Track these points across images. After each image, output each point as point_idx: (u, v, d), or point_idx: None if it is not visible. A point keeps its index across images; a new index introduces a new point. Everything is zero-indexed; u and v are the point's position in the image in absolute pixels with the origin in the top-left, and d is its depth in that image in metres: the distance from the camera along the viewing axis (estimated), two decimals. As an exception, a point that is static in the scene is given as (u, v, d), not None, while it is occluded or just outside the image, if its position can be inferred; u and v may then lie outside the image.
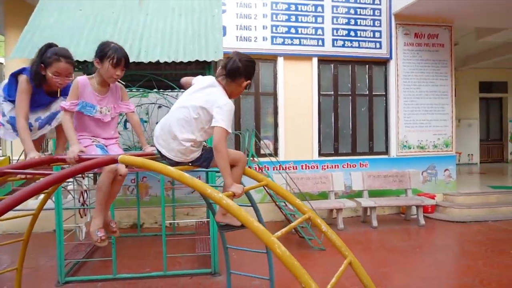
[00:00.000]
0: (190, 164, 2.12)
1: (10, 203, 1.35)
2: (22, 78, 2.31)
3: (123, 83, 3.83)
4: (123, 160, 1.84)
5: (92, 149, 2.27)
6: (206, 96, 2.01)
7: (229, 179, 1.86)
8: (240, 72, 2.04)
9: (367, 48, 7.48)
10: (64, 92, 2.41)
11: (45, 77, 2.31)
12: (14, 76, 2.38)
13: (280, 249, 1.41)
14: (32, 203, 6.04)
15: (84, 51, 4.07)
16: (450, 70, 7.88)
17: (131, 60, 4.03)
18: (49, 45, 2.35)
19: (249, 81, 2.10)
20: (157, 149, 2.09)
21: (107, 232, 2.38)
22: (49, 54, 2.27)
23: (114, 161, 1.85)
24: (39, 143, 2.71)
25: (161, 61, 4.10)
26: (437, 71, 7.82)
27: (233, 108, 2.01)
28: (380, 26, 7.52)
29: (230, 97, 2.09)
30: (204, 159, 2.09)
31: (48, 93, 2.42)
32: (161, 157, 2.10)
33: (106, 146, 2.37)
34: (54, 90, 2.42)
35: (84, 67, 4.80)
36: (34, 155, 2.18)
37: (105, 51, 2.25)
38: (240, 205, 1.75)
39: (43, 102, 2.42)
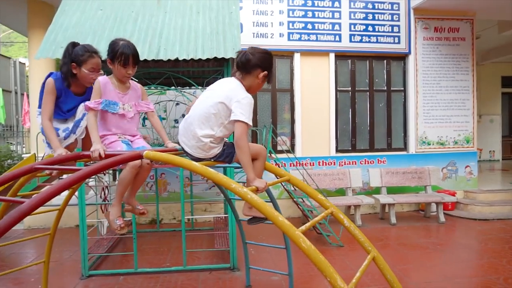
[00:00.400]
0: (212, 159, 2.14)
1: (44, 197, 1.40)
2: (47, 81, 2.38)
3: (136, 80, 3.90)
4: (148, 155, 1.88)
5: (117, 144, 2.32)
6: (226, 92, 2.04)
7: (251, 174, 1.87)
8: (252, 63, 2.07)
9: (385, 43, 7.37)
10: (89, 94, 2.45)
11: (75, 76, 2.37)
12: (44, 83, 2.45)
13: (305, 243, 1.42)
14: (56, 198, 6.21)
15: (105, 50, 4.15)
16: (472, 65, 7.69)
17: (150, 58, 4.13)
18: (73, 44, 2.40)
19: (265, 72, 2.08)
20: (181, 146, 2.13)
21: (137, 214, 2.51)
22: (81, 52, 2.33)
23: (140, 156, 1.89)
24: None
25: (180, 58, 4.15)
26: (458, 66, 7.64)
27: (252, 101, 2.02)
28: (398, 20, 7.40)
29: (250, 91, 2.11)
30: (227, 155, 2.11)
31: (76, 94, 2.48)
32: (185, 153, 2.14)
33: (131, 141, 2.42)
34: (81, 91, 2.48)
35: (105, 66, 4.90)
36: (61, 151, 2.24)
37: (114, 50, 2.29)
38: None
39: (74, 104, 2.47)
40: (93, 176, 5.40)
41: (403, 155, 7.50)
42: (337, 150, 7.33)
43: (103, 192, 5.67)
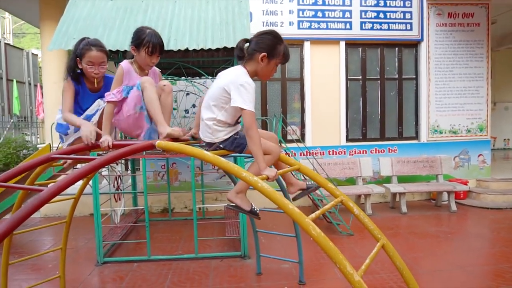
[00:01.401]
0: (221, 145, 2.13)
1: (62, 185, 1.45)
2: (65, 81, 2.42)
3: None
4: (160, 145, 1.92)
5: (141, 116, 2.26)
6: (229, 78, 2.05)
7: (262, 163, 1.89)
8: (252, 47, 2.05)
9: (397, 30, 7.25)
10: (106, 90, 2.42)
11: (83, 72, 2.38)
12: None
13: (315, 230, 1.44)
14: (71, 187, 6.34)
15: (116, 41, 4.20)
16: (486, 51, 7.52)
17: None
18: (82, 39, 2.41)
19: (263, 54, 2.00)
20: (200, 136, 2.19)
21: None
22: (81, 46, 2.34)
23: (152, 146, 1.93)
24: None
25: (190, 48, 4.16)
26: (472, 52, 7.49)
27: (252, 86, 1.98)
28: (411, 6, 7.25)
29: (260, 77, 2.11)
30: (237, 145, 2.12)
31: (92, 91, 2.49)
32: (200, 143, 2.19)
33: None
34: (97, 88, 2.47)
35: (115, 57, 4.95)
36: (90, 127, 2.21)
37: (141, 38, 2.24)
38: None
39: (91, 102, 2.46)
40: (106, 166, 5.50)
41: (415, 144, 7.44)
42: (348, 139, 7.30)
43: (115, 182, 5.78)
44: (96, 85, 2.48)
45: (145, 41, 2.23)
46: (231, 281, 3.93)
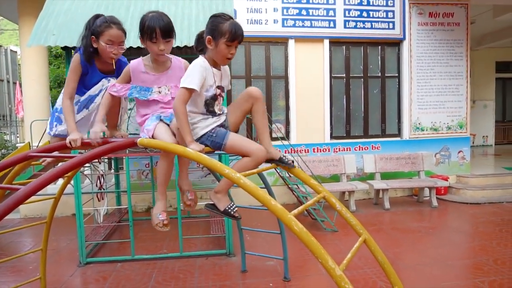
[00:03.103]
0: (203, 145, 1.99)
1: (37, 185, 1.42)
2: (74, 57, 2.24)
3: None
4: (142, 143, 1.90)
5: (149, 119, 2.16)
6: None
7: (188, 137, 1.84)
8: (199, 42, 2.01)
9: (379, 29, 7.35)
10: (118, 72, 2.28)
11: (97, 51, 2.21)
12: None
13: (297, 226, 1.45)
14: (52, 187, 6.23)
15: (97, 37, 4.12)
16: (466, 50, 7.70)
17: (144, 46, 4.09)
18: (97, 16, 2.24)
19: (209, 37, 1.90)
20: None
21: (182, 202, 2.35)
22: (99, 23, 2.16)
23: (134, 143, 1.90)
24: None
25: (174, 45, 4.11)
26: (452, 51, 7.65)
27: (197, 65, 1.91)
28: (393, 6, 7.36)
29: (219, 61, 1.99)
30: (214, 144, 1.98)
31: (102, 71, 2.32)
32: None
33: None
34: (108, 69, 2.31)
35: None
36: (77, 136, 2.06)
37: (141, 25, 2.04)
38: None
39: (95, 82, 2.30)
40: (88, 165, 5.41)
41: (397, 141, 7.56)
42: (332, 137, 7.37)
43: (98, 181, 5.69)
44: (114, 66, 2.29)
45: (146, 27, 2.02)
46: (216, 279, 3.92)
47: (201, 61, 1.94)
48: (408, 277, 3.85)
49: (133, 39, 3.99)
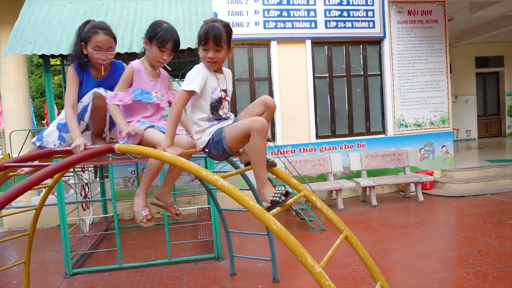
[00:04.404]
0: (207, 151, 1.99)
1: (7, 197, 1.39)
2: (69, 68, 2.25)
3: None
4: (120, 148, 1.88)
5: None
6: None
7: (168, 141, 1.84)
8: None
9: (360, 28, 7.44)
10: (113, 77, 2.29)
11: (88, 58, 2.21)
12: None
13: (276, 225, 1.45)
14: (36, 199, 6.11)
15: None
16: (445, 47, 7.85)
17: (123, 51, 4.06)
18: (87, 22, 2.24)
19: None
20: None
21: (172, 214, 2.35)
22: (87, 29, 2.17)
23: (111, 149, 1.88)
24: None
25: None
26: (432, 48, 7.79)
27: (198, 69, 1.92)
28: (372, 5, 7.45)
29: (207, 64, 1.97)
30: (217, 149, 1.93)
31: (96, 77, 2.31)
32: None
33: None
34: (102, 75, 2.30)
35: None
36: (80, 141, 2.01)
37: (155, 31, 2.11)
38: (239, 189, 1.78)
39: (89, 89, 2.27)
40: (72, 174, 5.33)
41: (382, 138, 7.65)
42: (317, 136, 7.42)
43: (83, 190, 5.60)
44: (103, 73, 2.29)
45: (159, 34, 2.10)
46: (205, 283, 3.90)
47: (200, 65, 1.96)
48: (396, 272, 3.89)
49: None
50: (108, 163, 4.92)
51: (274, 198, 1.70)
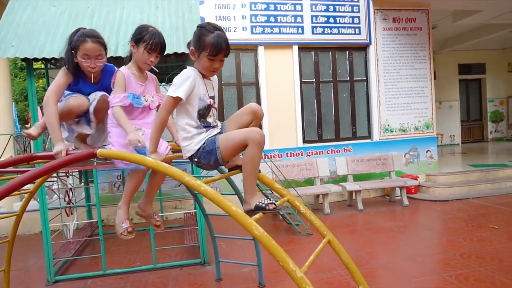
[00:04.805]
0: (196, 160, 1.94)
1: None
2: (61, 69, 2.24)
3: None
4: (102, 153, 1.86)
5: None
6: None
7: (152, 147, 1.84)
8: (188, 46, 1.96)
9: (346, 34, 7.54)
10: (103, 82, 2.32)
11: (78, 66, 2.23)
12: None
13: (258, 230, 1.46)
14: (17, 204, 5.98)
15: (60, 47, 4.00)
16: (429, 53, 8.01)
17: (108, 56, 4.03)
18: (77, 30, 2.26)
19: (191, 48, 1.90)
20: None
21: (152, 225, 2.36)
22: (76, 38, 2.19)
23: (93, 154, 1.86)
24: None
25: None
26: (416, 55, 7.94)
27: (185, 75, 1.85)
28: (358, 11, 7.57)
29: (205, 73, 1.94)
30: (208, 158, 1.88)
31: (92, 81, 2.34)
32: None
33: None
34: (96, 80, 2.33)
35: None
36: (62, 147, 2.01)
37: (142, 34, 2.14)
38: (224, 194, 1.79)
39: (93, 90, 2.31)
40: (55, 179, 5.24)
41: (368, 143, 7.74)
42: (304, 141, 7.46)
43: (67, 195, 5.51)
44: (92, 80, 2.32)
45: (146, 37, 2.13)
46: (191, 289, 3.87)
47: (190, 70, 1.89)
48: (381, 275, 3.93)
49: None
50: (92, 168, 4.86)
51: (260, 204, 1.70)
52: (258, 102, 7.27)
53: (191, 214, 6.03)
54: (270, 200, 1.73)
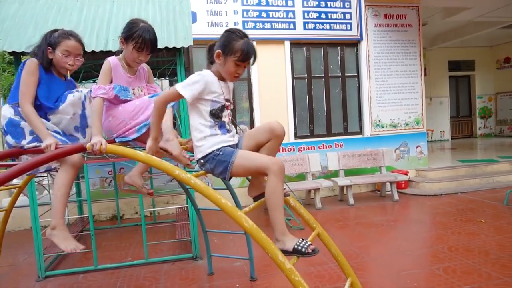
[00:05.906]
0: (204, 164, 1.87)
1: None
2: (30, 61, 2.15)
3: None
4: (89, 147, 1.85)
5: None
6: None
7: (153, 133, 1.82)
8: (210, 52, 1.92)
9: (338, 30, 7.56)
10: (69, 84, 2.31)
11: (51, 63, 2.21)
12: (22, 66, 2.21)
13: (247, 223, 1.48)
14: (6, 200, 5.92)
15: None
16: (419, 50, 8.08)
17: (98, 50, 4.00)
18: (54, 30, 2.26)
19: (219, 51, 1.84)
20: None
21: (144, 194, 2.40)
22: (57, 35, 2.18)
23: (82, 148, 1.86)
24: None
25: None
26: (407, 51, 8.00)
27: (196, 76, 1.81)
28: (350, 8, 7.60)
29: (226, 77, 1.91)
30: (220, 166, 1.80)
31: (62, 78, 2.32)
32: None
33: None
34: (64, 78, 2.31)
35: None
36: (51, 140, 1.96)
37: (132, 31, 2.08)
38: (216, 189, 1.80)
39: (61, 90, 2.24)
40: (45, 174, 5.19)
41: (359, 138, 7.80)
42: (296, 136, 7.50)
43: (57, 191, 5.45)
44: (66, 78, 2.30)
45: (136, 34, 2.07)
46: (183, 283, 3.88)
47: (207, 72, 1.86)
48: (371, 268, 3.98)
49: (88, 42, 3.88)
50: (83, 163, 4.83)
51: (298, 247, 1.64)
52: (250, 97, 7.27)
53: (183, 209, 6.03)
54: (306, 242, 1.66)
